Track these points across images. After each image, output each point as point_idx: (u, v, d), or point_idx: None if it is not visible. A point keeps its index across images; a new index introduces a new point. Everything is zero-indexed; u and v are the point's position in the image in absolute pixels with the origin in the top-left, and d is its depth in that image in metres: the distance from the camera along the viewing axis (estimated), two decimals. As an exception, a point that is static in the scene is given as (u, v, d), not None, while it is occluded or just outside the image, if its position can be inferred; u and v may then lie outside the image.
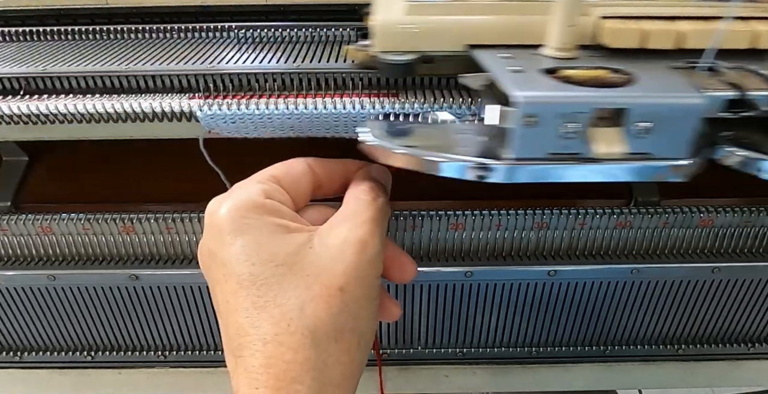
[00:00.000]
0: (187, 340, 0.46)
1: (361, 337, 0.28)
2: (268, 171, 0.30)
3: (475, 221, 0.40)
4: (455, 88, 0.35)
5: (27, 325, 0.45)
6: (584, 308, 0.44)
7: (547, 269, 0.41)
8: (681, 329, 0.46)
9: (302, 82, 0.35)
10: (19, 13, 0.44)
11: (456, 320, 0.45)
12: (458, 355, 0.47)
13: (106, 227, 0.40)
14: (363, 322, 0.28)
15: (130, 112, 0.33)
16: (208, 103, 0.33)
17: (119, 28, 0.42)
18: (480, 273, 0.41)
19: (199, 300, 0.43)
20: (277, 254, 0.27)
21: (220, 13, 0.44)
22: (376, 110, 0.33)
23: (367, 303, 0.29)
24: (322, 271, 0.27)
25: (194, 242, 0.41)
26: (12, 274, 0.41)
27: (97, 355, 0.47)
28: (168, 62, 0.36)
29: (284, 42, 0.41)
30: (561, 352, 0.47)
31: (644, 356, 0.48)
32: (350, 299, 0.27)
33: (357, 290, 0.27)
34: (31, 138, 0.36)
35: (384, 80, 0.35)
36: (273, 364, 0.26)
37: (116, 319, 0.44)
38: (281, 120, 0.33)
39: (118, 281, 0.42)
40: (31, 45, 0.41)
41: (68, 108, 0.33)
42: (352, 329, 0.28)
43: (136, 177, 0.46)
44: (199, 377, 0.48)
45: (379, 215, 0.29)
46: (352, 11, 0.44)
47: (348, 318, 0.27)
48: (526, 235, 0.41)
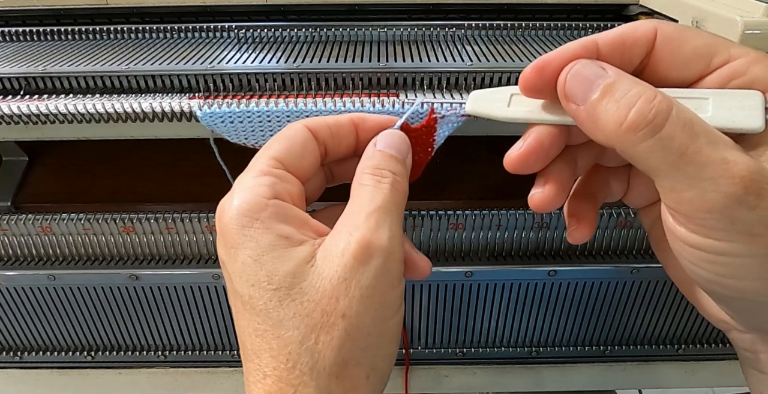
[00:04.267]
0: (187, 340, 0.46)
1: (372, 369, 0.25)
2: (267, 153, 0.26)
3: (475, 221, 0.40)
4: (455, 88, 0.35)
5: (27, 325, 0.45)
6: (584, 308, 0.44)
7: (547, 269, 0.41)
8: (681, 329, 0.46)
9: (302, 82, 0.35)
10: (19, 13, 0.44)
11: (456, 320, 0.45)
12: (458, 355, 0.47)
13: (106, 227, 0.40)
14: (373, 351, 0.24)
15: (130, 112, 0.33)
16: (208, 103, 0.33)
17: (119, 28, 0.42)
18: (480, 273, 0.41)
19: (199, 300, 0.43)
20: (274, 274, 0.24)
21: (220, 13, 0.44)
22: (376, 109, 0.33)
23: (379, 326, 0.24)
24: (323, 294, 0.23)
25: (194, 242, 0.41)
26: (12, 274, 0.41)
27: (97, 355, 0.47)
28: (168, 62, 0.36)
29: (284, 42, 0.41)
30: (561, 352, 0.47)
31: (644, 356, 0.48)
32: (354, 326, 0.23)
33: (363, 314, 0.24)
34: (31, 138, 0.36)
35: (384, 80, 0.35)
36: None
37: (116, 319, 0.44)
38: (281, 120, 0.33)
39: (118, 281, 0.42)
40: (31, 45, 0.41)
41: (68, 108, 0.33)
42: (358, 363, 0.24)
43: (136, 177, 0.46)
44: (199, 377, 0.48)
45: (389, 200, 0.25)
46: (351, 11, 0.45)
47: (353, 350, 0.24)
48: (526, 235, 0.41)
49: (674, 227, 0.23)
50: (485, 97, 0.27)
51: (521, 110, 0.26)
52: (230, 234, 0.25)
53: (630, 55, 0.25)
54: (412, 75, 0.35)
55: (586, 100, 0.23)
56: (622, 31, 0.25)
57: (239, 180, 0.26)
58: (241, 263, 0.24)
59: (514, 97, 0.27)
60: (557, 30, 0.43)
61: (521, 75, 0.25)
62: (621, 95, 0.22)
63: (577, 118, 0.24)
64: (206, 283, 0.42)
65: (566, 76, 0.24)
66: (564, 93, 0.24)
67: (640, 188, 0.29)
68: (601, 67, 0.23)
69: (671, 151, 0.21)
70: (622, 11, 0.45)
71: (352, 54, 0.38)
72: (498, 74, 0.35)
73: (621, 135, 0.22)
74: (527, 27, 0.43)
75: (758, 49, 0.24)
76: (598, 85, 0.23)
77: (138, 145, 0.38)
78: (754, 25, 0.31)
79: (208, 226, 0.40)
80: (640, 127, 0.21)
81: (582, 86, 0.23)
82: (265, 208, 0.25)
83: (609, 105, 0.22)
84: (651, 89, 0.22)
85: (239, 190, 0.25)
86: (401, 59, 0.37)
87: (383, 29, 0.42)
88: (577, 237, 0.29)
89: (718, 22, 0.33)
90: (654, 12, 0.42)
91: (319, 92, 0.35)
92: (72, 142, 0.36)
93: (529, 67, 0.25)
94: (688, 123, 0.21)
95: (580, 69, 0.23)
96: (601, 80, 0.23)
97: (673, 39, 0.24)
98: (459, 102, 0.29)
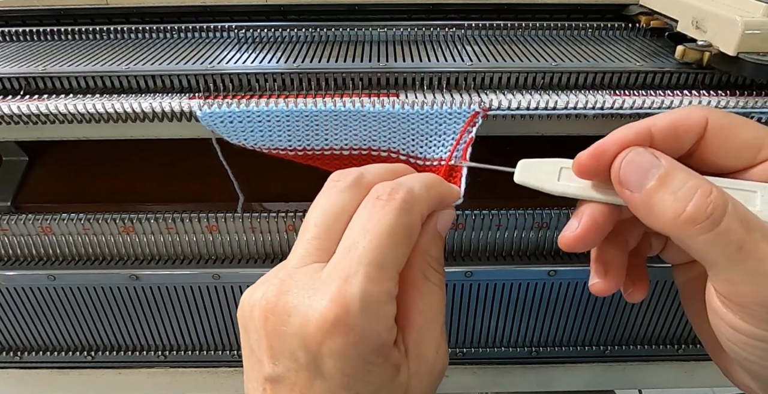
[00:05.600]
0: (187, 340, 0.46)
1: None
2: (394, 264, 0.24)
3: (475, 221, 0.40)
4: (455, 89, 0.35)
5: (27, 325, 0.45)
6: (584, 308, 0.44)
7: (547, 269, 0.41)
8: (681, 329, 0.46)
9: (302, 82, 0.35)
10: (19, 13, 0.44)
11: (456, 320, 0.45)
12: (458, 355, 0.47)
13: (106, 227, 0.40)
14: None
15: (130, 112, 0.33)
16: (208, 103, 0.33)
17: (119, 28, 0.42)
18: (480, 273, 0.41)
19: (199, 300, 0.43)
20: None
21: (220, 13, 0.44)
22: (376, 109, 0.33)
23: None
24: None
25: (194, 242, 0.41)
26: (12, 274, 0.41)
27: (97, 355, 0.47)
28: (168, 62, 0.36)
29: (284, 42, 0.41)
30: (561, 352, 0.47)
31: (644, 356, 0.48)
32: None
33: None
34: (31, 138, 0.36)
35: (384, 80, 0.35)
36: None
37: (116, 319, 0.44)
38: (281, 120, 0.33)
39: (118, 281, 0.41)
40: (31, 45, 0.41)
41: (68, 108, 0.33)
42: None
43: (136, 177, 0.46)
44: (199, 377, 0.48)
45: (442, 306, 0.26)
46: (351, 11, 0.45)
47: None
48: (526, 235, 0.41)
49: (721, 311, 0.24)
50: (534, 167, 0.28)
51: (573, 186, 0.27)
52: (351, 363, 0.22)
53: (681, 142, 0.25)
54: (412, 75, 0.35)
55: (642, 187, 0.24)
56: (675, 118, 0.25)
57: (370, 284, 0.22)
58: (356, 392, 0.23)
59: (564, 171, 0.28)
60: (557, 30, 0.43)
61: (577, 159, 0.26)
62: (677, 187, 0.23)
63: (631, 204, 0.25)
64: (206, 283, 0.42)
65: (620, 163, 0.25)
66: (618, 179, 0.25)
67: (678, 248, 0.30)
68: (655, 155, 0.24)
69: (729, 246, 0.22)
70: (622, 11, 0.45)
71: (352, 54, 0.38)
72: (498, 74, 0.35)
73: (678, 226, 0.23)
74: (527, 27, 0.43)
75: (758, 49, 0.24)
76: (653, 174, 0.24)
77: (138, 145, 0.38)
78: (754, 25, 0.31)
79: (208, 226, 0.40)
80: (699, 220, 0.22)
81: (637, 174, 0.24)
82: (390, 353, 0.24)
83: (665, 196, 0.23)
84: (706, 182, 0.23)
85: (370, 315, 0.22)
86: (401, 59, 0.37)
87: (383, 29, 0.42)
88: (637, 297, 0.30)
89: (718, 22, 0.33)
90: (654, 12, 0.42)
91: (319, 92, 0.35)
92: (72, 142, 0.36)
93: (586, 154, 0.26)
94: (744, 218, 0.22)
95: (634, 157, 0.24)
96: (655, 170, 0.24)
97: (723, 128, 0.25)
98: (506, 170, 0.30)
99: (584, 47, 0.40)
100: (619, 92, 0.35)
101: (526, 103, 0.33)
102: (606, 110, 0.33)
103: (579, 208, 0.27)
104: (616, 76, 0.35)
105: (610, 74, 0.35)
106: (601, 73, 0.35)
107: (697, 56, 0.34)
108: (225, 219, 0.39)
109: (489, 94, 0.34)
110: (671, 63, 0.36)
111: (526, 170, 0.28)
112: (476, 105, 0.33)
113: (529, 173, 0.28)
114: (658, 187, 0.23)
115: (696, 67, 0.35)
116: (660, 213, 0.23)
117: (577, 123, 0.35)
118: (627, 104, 0.33)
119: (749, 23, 0.31)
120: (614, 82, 0.36)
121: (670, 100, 0.34)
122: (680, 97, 0.34)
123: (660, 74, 0.35)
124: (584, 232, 0.26)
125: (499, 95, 0.34)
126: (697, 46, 0.34)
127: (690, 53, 0.34)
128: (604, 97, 0.34)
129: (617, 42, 0.41)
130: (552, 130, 0.36)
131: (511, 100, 0.33)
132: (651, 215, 0.24)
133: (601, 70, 0.35)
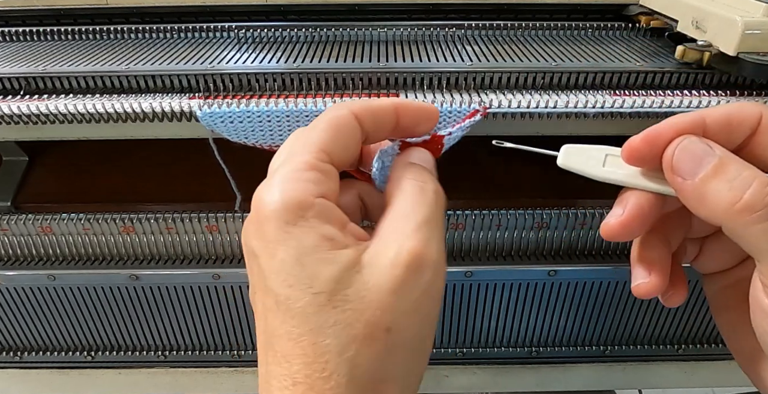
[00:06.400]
0: (187, 340, 0.46)
1: (405, 386, 0.24)
2: (314, 141, 0.24)
3: (475, 221, 0.40)
4: (455, 88, 0.35)
5: (27, 325, 0.45)
6: (584, 308, 0.44)
7: (547, 269, 0.41)
8: (681, 329, 0.46)
9: (302, 82, 0.35)
10: (19, 13, 0.44)
11: (456, 320, 0.45)
12: (458, 355, 0.47)
13: (106, 227, 0.40)
14: (410, 367, 0.24)
15: (130, 112, 0.33)
16: (208, 103, 0.33)
17: (119, 28, 0.42)
18: (480, 273, 0.41)
19: (199, 300, 0.43)
20: (316, 277, 0.22)
21: (220, 13, 0.44)
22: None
23: (419, 344, 0.24)
24: (368, 305, 0.22)
25: (194, 242, 0.41)
26: (12, 274, 0.41)
27: (97, 355, 0.47)
28: (168, 62, 0.36)
29: (284, 42, 0.41)
30: (561, 352, 0.47)
31: (644, 356, 0.48)
32: (398, 343, 0.23)
33: (408, 329, 0.23)
34: (31, 138, 0.36)
35: (384, 80, 0.35)
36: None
37: (116, 319, 0.44)
38: (281, 120, 0.33)
39: (118, 281, 0.41)
40: (31, 45, 0.41)
41: (68, 108, 0.33)
42: (395, 379, 0.23)
43: (136, 177, 0.46)
44: (199, 377, 0.48)
45: (435, 213, 0.24)
46: (351, 11, 0.45)
47: (393, 366, 0.23)
48: (526, 235, 0.41)
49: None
50: (579, 152, 0.28)
51: (619, 173, 0.27)
52: (270, 228, 0.23)
53: (734, 134, 0.25)
54: (412, 75, 0.35)
55: (695, 175, 0.24)
56: (729, 110, 0.25)
57: (282, 168, 0.24)
58: (281, 260, 0.23)
59: (609, 158, 0.27)
60: (557, 30, 0.43)
61: (628, 143, 0.26)
62: (734, 176, 0.23)
63: (681, 192, 0.24)
64: (206, 283, 0.42)
65: (674, 149, 0.24)
66: (671, 166, 0.24)
67: (713, 255, 0.30)
68: (708, 145, 0.24)
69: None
70: (622, 11, 0.45)
71: (352, 54, 0.38)
72: (498, 74, 0.35)
73: (733, 215, 0.23)
74: (527, 27, 0.43)
75: (758, 49, 0.24)
76: (708, 162, 0.24)
77: (138, 145, 0.38)
78: (754, 25, 0.31)
79: (208, 226, 0.40)
80: (756, 208, 0.22)
81: (691, 162, 0.24)
82: (311, 207, 0.23)
83: (720, 184, 0.23)
84: (762, 173, 0.23)
85: (283, 182, 0.23)
86: (401, 59, 0.37)
87: (383, 29, 0.42)
88: (677, 301, 0.30)
89: (718, 22, 0.33)
90: (654, 12, 0.42)
91: (319, 92, 0.35)
92: (72, 142, 0.36)
93: (639, 138, 0.25)
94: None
95: (688, 144, 0.24)
96: (710, 158, 0.24)
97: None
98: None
99: (584, 47, 0.40)
100: (619, 92, 0.35)
101: (526, 103, 0.33)
102: (606, 110, 0.34)
103: (622, 195, 0.27)
104: (616, 76, 0.35)
105: (610, 74, 0.35)
106: (601, 73, 0.35)
107: (697, 56, 0.34)
108: (225, 219, 0.39)
109: (489, 94, 0.34)
110: (671, 63, 0.36)
111: (570, 154, 0.28)
112: (476, 105, 0.33)
113: (574, 157, 0.28)
114: (713, 176, 0.23)
115: (696, 67, 0.35)
116: (713, 201, 0.23)
117: (577, 123, 0.35)
118: (627, 104, 0.33)
119: (749, 23, 0.31)
120: (614, 82, 0.36)
121: (670, 100, 0.34)
122: (680, 97, 0.34)
123: (660, 74, 0.35)
124: (629, 218, 0.26)
125: (500, 95, 0.34)
126: (697, 46, 0.34)
127: (690, 53, 0.34)
128: (604, 97, 0.34)
129: (617, 42, 0.41)
130: (552, 130, 0.36)
131: (512, 100, 0.33)
132: (702, 204, 0.23)
133: (601, 70, 0.35)
